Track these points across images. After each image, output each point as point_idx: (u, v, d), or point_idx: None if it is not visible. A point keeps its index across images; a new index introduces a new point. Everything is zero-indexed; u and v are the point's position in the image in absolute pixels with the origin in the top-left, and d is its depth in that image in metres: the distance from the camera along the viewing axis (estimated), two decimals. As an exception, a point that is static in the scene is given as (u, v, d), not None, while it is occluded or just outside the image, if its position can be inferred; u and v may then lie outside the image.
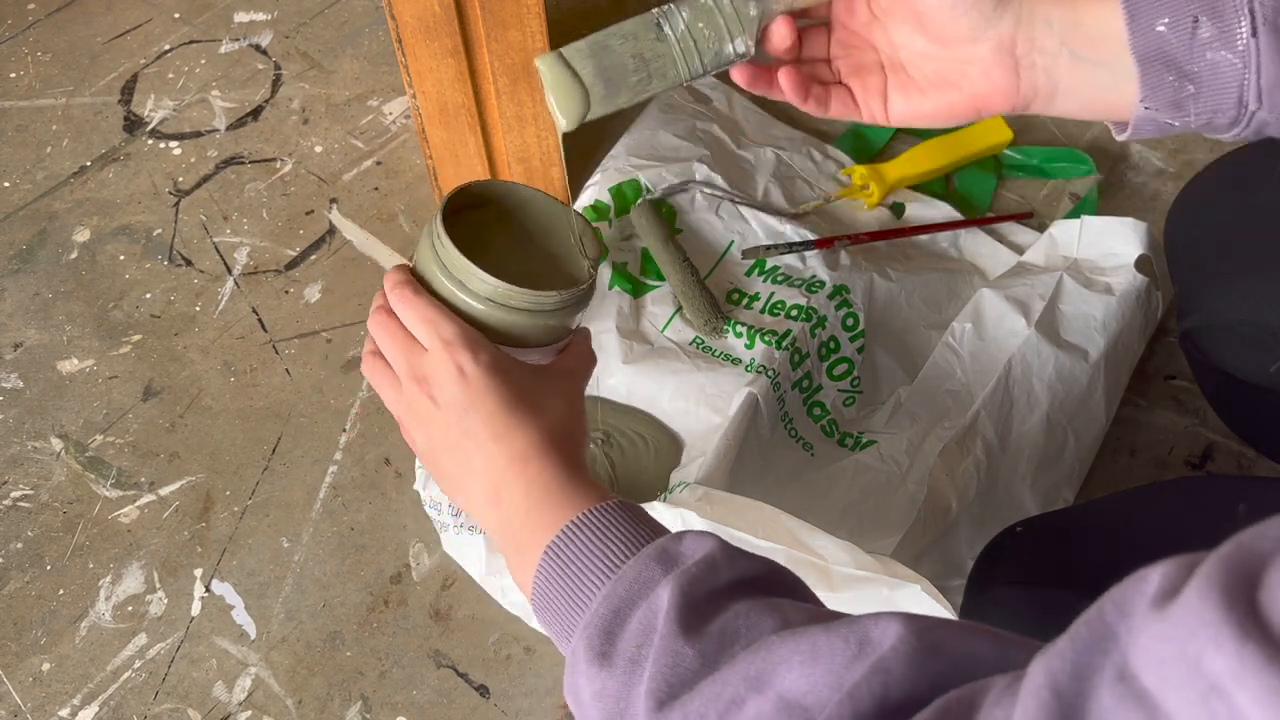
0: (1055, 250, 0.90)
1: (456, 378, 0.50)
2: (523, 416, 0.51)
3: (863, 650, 0.35)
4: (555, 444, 0.51)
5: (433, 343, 0.51)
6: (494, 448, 0.50)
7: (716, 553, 0.43)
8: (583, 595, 0.44)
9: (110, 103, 1.16)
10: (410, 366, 0.52)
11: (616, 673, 0.40)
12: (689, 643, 0.39)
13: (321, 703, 0.77)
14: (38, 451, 0.90)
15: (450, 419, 0.51)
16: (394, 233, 1.03)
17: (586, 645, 0.42)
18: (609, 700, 0.40)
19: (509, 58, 0.88)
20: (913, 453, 0.81)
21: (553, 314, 0.53)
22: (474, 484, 0.51)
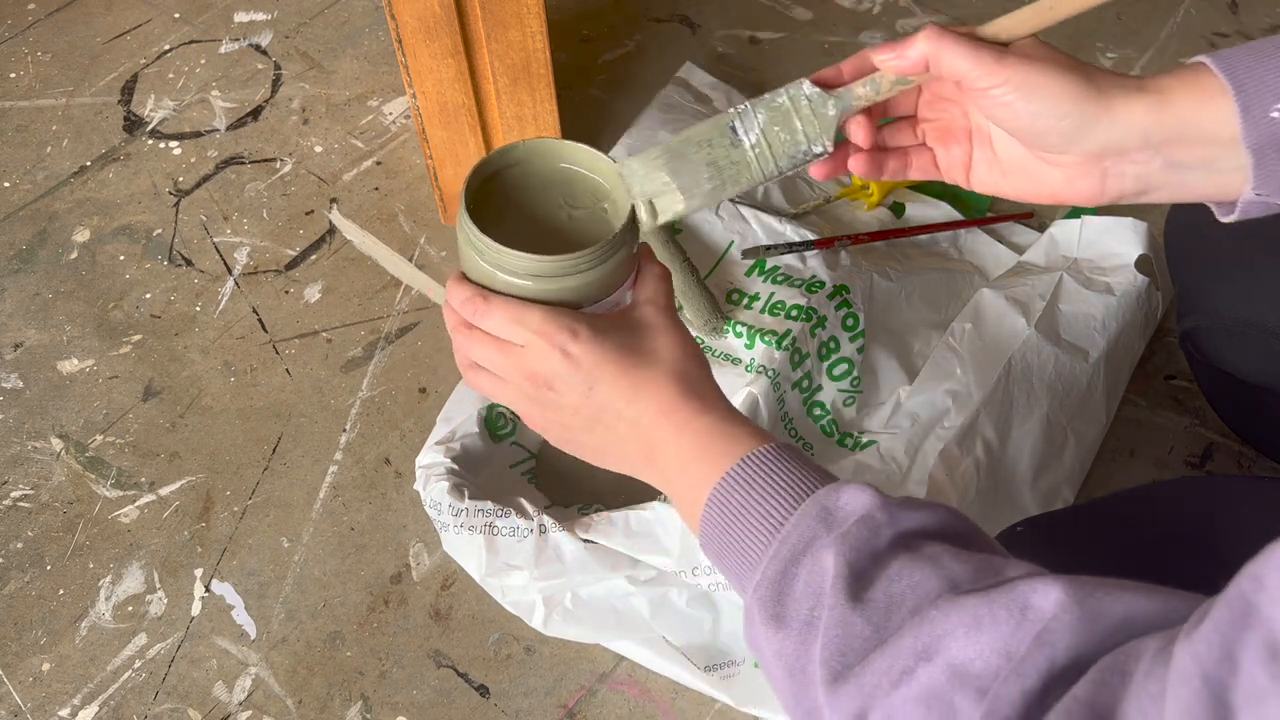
0: (1055, 250, 0.90)
1: (564, 362, 0.51)
2: (645, 371, 0.52)
3: (1025, 617, 0.37)
4: (688, 387, 0.52)
5: (525, 337, 0.52)
6: (632, 411, 0.51)
7: (875, 509, 0.43)
8: (749, 551, 0.46)
9: (110, 103, 1.16)
10: (516, 368, 0.52)
11: (792, 634, 0.43)
12: (856, 610, 0.41)
13: (321, 703, 0.77)
14: (38, 451, 0.90)
15: (576, 401, 0.52)
16: (394, 233, 1.03)
17: (760, 605, 0.44)
18: (788, 658, 0.43)
19: (509, 58, 0.88)
20: (913, 453, 0.81)
21: (612, 257, 0.52)
22: (624, 450, 0.52)
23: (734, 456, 0.48)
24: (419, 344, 0.95)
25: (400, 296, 0.99)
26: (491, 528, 0.75)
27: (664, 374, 0.52)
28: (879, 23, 1.21)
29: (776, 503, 0.46)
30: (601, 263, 0.52)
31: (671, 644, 0.75)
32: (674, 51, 1.18)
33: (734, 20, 1.22)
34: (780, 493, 0.46)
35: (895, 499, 0.44)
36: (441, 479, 0.77)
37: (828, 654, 0.41)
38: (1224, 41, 1.18)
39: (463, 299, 0.54)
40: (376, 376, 0.94)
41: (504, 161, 0.55)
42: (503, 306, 0.52)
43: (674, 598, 0.76)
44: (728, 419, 0.51)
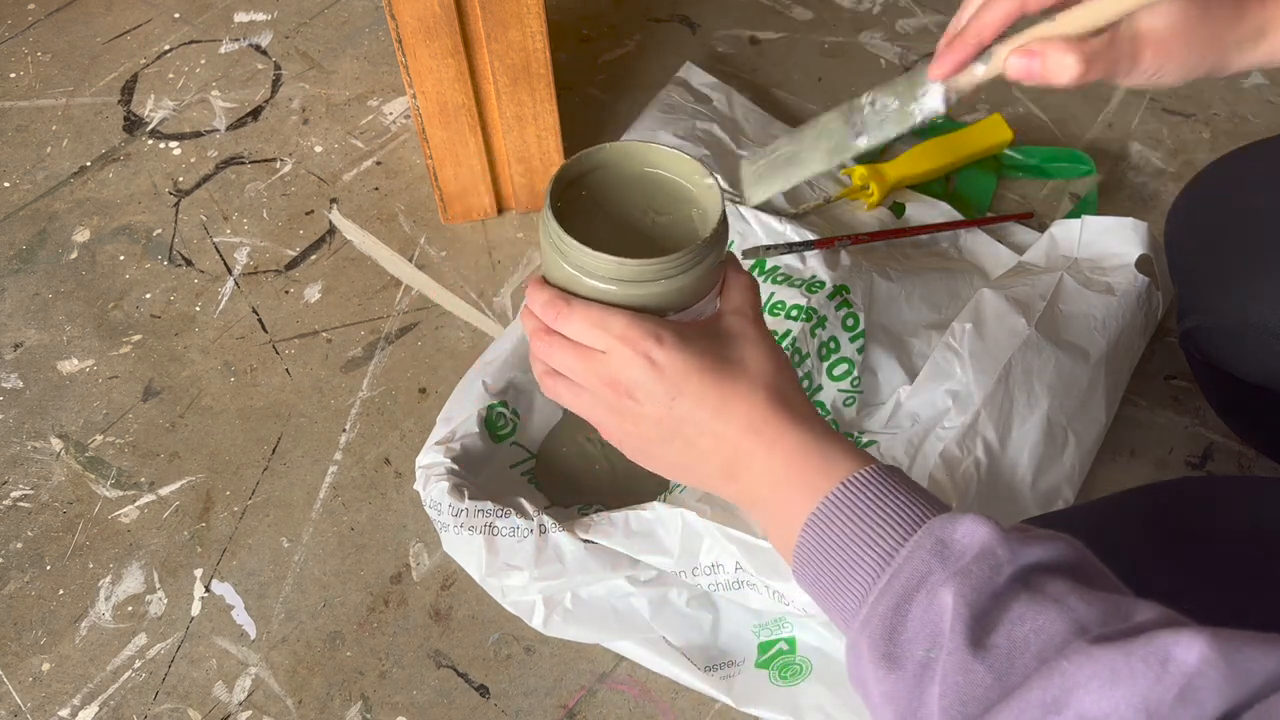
0: (1055, 250, 0.90)
1: (648, 369, 0.49)
2: (733, 383, 0.49)
3: (1166, 670, 0.35)
4: (779, 401, 0.49)
5: (608, 343, 0.49)
6: (718, 425, 0.48)
7: (995, 545, 0.41)
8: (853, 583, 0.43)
9: (110, 103, 1.16)
10: (596, 375, 0.50)
11: (906, 676, 0.40)
12: (978, 658, 0.38)
13: (321, 703, 0.77)
14: (37, 451, 0.90)
15: (659, 412, 0.49)
16: (394, 233, 1.03)
17: (870, 644, 0.41)
18: (900, 703, 0.40)
19: (509, 58, 0.88)
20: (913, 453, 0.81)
21: (701, 262, 0.51)
22: (704, 465, 0.50)
23: (833, 479, 0.45)
24: (419, 344, 0.95)
25: (400, 297, 0.99)
26: (491, 528, 0.75)
27: (753, 386, 0.49)
28: (879, 23, 1.21)
29: (885, 531, 0.43)
30: (690, 268, 0.50)
31: (671, 644, 0.75)
32: (674, 51, 1.18)
33: (734, 20, 1.22)
34: (888, 520, 0.43)
35: (1014, 530, 0.42)
36: (441, 479, 0.77)
37: (947, 703, 0.38)
38: (1224, 41, 1.18)
39: (543, 302, 0.51)
40: (376, 376, 0.94)
41: (589, 165, 0.54)
42: (585, 311, 0.50)
43: (674, 598, 0.76)
44: (823, 436, 0.48)
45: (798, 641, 0.75)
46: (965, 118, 1.10)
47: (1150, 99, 1.13)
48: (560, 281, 0.52)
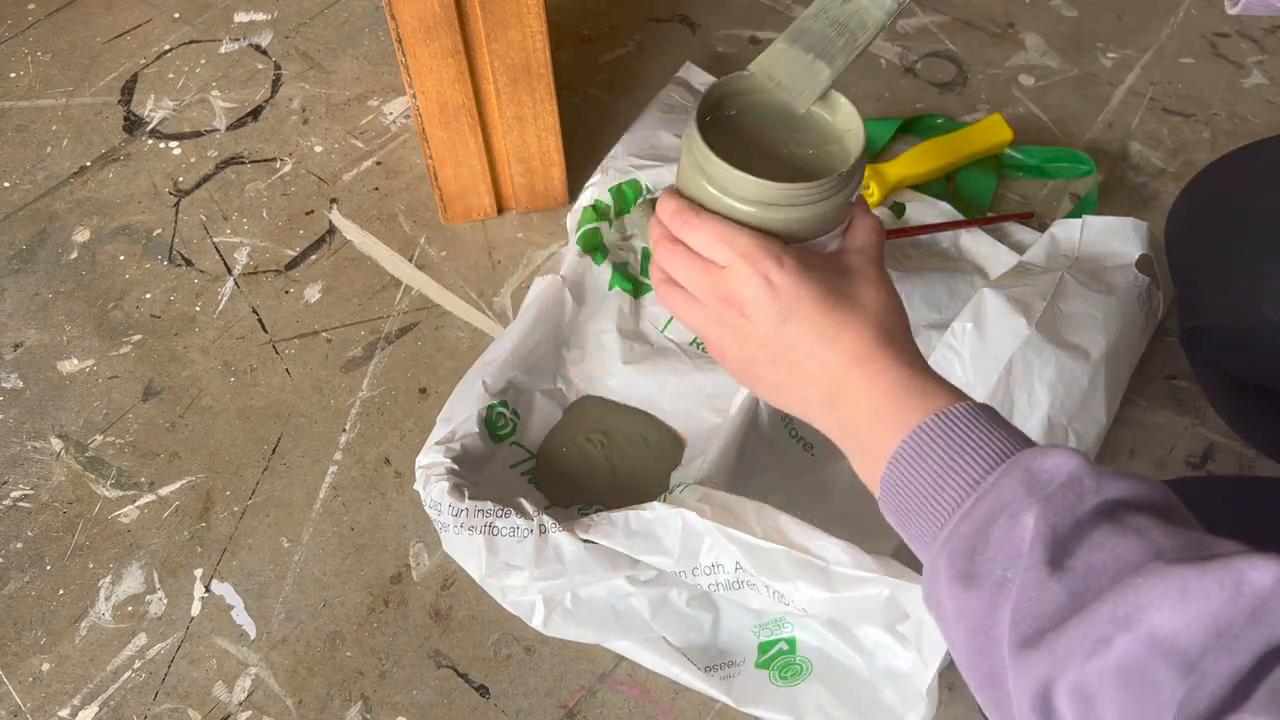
0: (1056, 250, 0.90)
1: (765, 289, 0.49)
2: (846, 314, 0.50)
3: (1240, 592, 0.35)
4: (887, 338, 0.50)
5: (730, 258, 0.50)
6: (826, 352, 0.49)
7: (1082, 475, 0.41)
8: (938, 506, 0.44)
9: (110, 103, 1.16)
10: (713, 287, 0.51)
11: (982, 594, 0.41)
12: (1054, 576, 0.39)
13: (321, 703, 0.77)
14: (37, 451, 0.90)
15: (768, 332, 0.50)
16: (394, 233, 1.03)
17: (949, 562, 0.42)
18: (973, 618, 0.41)
19: (509, 58, 0.88)
20: (913, 453, 0.81)
21: (831, 200, 0.52)
22: (806, 390, 0.51)
23: (927, 411, 0.46)
24: (419, 344, 0.95)
25: (400, 297, 0.99)
26: (491, 528, 0.75)
27: (864, 320, 0.50)
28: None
29: (973, 460, 0.44)
30: (824, 199, 0.51)
31: (671, 644, 0.75)
32: (674, 51, 1.18)
33: (734, 20, 1.22)
34: (978, 450, 0.44)
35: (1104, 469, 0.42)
36: (441, 479, 0.77)
37: (1018, 616, 0.39)
38: (1224, 42, 1.18)
39: (673, 210, 0.52)
40: (376, 376, 0.94)
41: (738, 88, 0.55)
42: (713, 224, 0.51)
43: (674, 598, 0.76)
44: (925, 374, 0.49)
45: (798, 641, 0.75)
46: (965, 118, 1.10)
47: (1150, 99, 1.13)
48: (693, 195, 0.53)
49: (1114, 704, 0.36)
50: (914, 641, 0.68)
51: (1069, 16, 1.20)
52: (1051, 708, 0.38)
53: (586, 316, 0.91)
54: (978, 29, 1.19)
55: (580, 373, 0.89)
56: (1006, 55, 1.17)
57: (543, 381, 0.87)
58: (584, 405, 0.88)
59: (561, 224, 1.02)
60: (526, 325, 0.87)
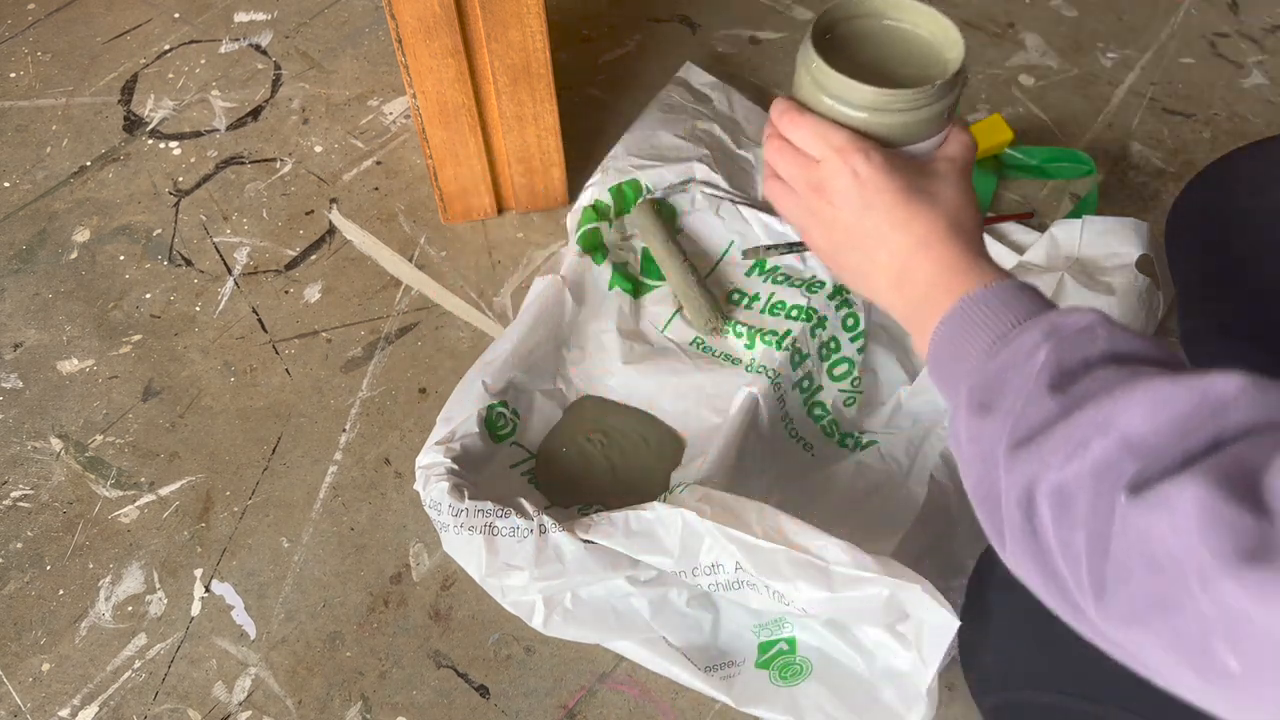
0: (1056, 250, 0.90)
1: (851, 179, 0.55)
2: (920, 206, 0.54)
3: (1206, 398, 0.38)
4: (955, 229, 0.54)
5: (824, 152, 0.55)
6: (896, 237, 0.54)
7: (1097, 324, 0.45)
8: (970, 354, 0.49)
9: (110, 103, 1.16)
10: (807, 179, 0.57)
11: (994, 421, 0.44)
12: (1051, 396, 0.42)
13: (321, 703, 0.77)
14: (37, 451, 0.90)
15: (850, 219, 0.55)
16: (394, 233, 1.03)
17: (968, 398, 0.46)
18: (982, 443, 0.45)
19: (509, 58, 0.88)
20: (913, 453, 0.81)
21: (930, 108, 0.55)
22: (878, 273, 0.55)
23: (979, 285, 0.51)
24: (419, 344, 0.95)
25: (400, 297, 0.99)
26: (491, 528, 0.75)
27: (937, 214, 0.54)
28: (879, 23, 1.21)
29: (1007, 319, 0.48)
30: (920, 107, 0.55)
31: (671, 644, 0.75)
32: (674, 51, 1.18)
33: (734, 20, 1.22)
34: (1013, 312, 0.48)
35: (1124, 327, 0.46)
36: (441, 479, 0.77)
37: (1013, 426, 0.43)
38: (1224, 42, 1.18)
39: (781, 109, 0.58)
40: (376, 376, 0.94)
41: (852, 11, 0.60)
42: (813, 123, 0.56)
43: (674, 598, 0.76)
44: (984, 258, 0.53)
45: (798, 641, 0.75)
46: (965, 118, 1.10)
47: (1150, 99, 1.13)
48: (800, 98, 0.58)
49: (1087, 501, 0.39)
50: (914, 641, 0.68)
51: (1069, 16, 1.20)
52: (1034, 508, 0.41)
53: (586, 316, 0.91)
54: (978, 29, 1.19)
55: (580, 373, 0.89)
56: (1006, 55, 1.17)
57: (543, 381, 0.87)
58: (584, 405, 0.88)
59: (561, 224, 1.02)
60: (526, 325, 0.87)
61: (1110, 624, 0.39)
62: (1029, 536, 0.42)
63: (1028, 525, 0.42)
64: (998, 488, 0.44)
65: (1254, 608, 0.34)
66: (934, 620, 0.65)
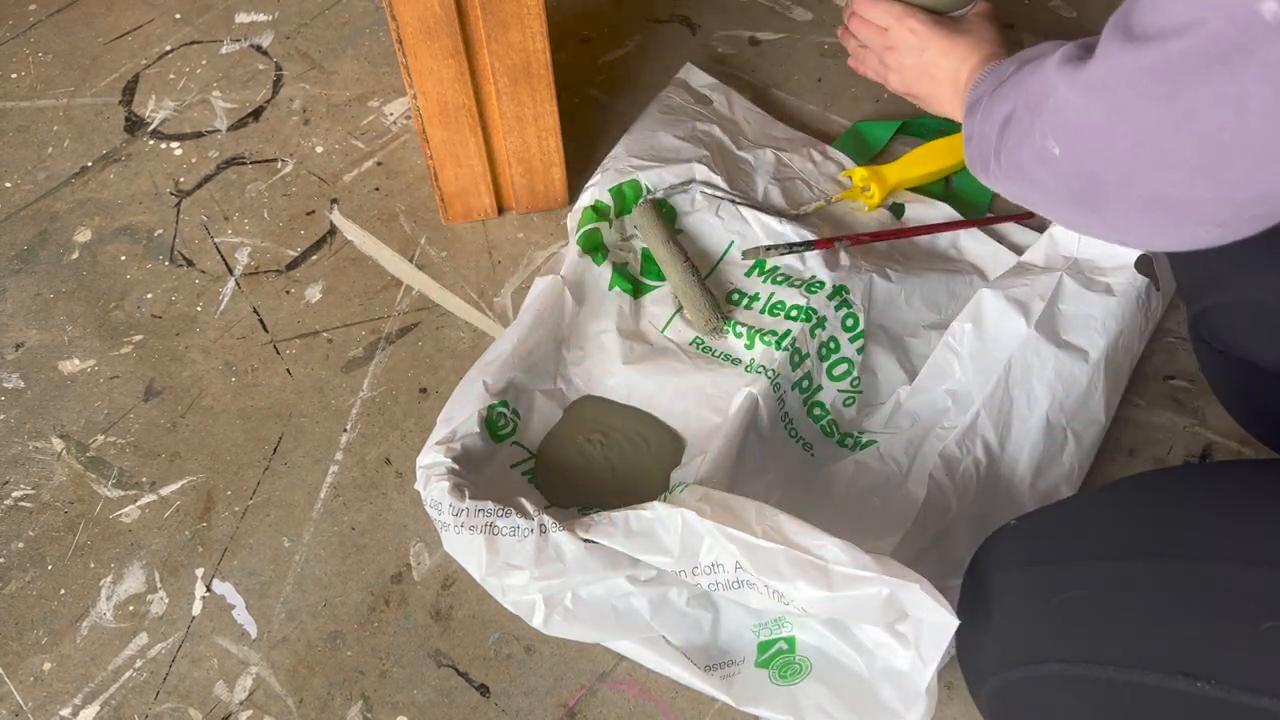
0: (1055, 250, 0.90)
1: (910, 35, 0.84)
2: (960, 40, 0.82)
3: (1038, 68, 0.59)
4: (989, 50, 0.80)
5: (889, 21, 0.85)
6: (947, 61, 0.82)
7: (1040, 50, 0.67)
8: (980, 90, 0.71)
9: (111, 103, 1.16)
10: (879, 41, 0.87)
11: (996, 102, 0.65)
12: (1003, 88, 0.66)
13: (322, 702, 0.77)
14: (39, 451, 0.90)
15: (913, 60, 0.84)
16: (394, 233, 1.04)
17: (989, 98, 0.67)
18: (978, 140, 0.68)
19: (509, 58, 0.89)
20: (913, 453, 0.81)
21: None
22: (942, 90, 0.83)
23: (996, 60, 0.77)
24: (419, 344, 0.96)
25: (400, 297, 0.99)
26: (492, 527, 0.75)
27: (973, 42, 0.81)
28: (879, 23, 1.21)
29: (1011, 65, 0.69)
30: None
31: (671, 644, 0.75)
32: (674, 52, 1.18)
33: (734, 21, 1.22)
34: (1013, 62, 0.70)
35: None
36: (442, 479, 0.77)
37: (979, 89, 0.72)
38: (1224, 42, 1.18)
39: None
40: (377, 376, 0.94)
41: None
42: (877, 3, 0.86)
43: (674, 597, 0.76)
44: (1000, 51, 0.80)
45: (797, 641, 0.75)
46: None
47: (1150, 99, 1.13)
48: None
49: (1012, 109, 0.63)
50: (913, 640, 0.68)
51: (1068, 17, 1.20)
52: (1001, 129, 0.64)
53: (586, 316, 0.91)
54: (977, 30, 1.20)
55: (580, 373, 0.89)
56: (1006, 56, 1.17)
57: (543, 381, 0.88)
58: (584, 405, 0.88)
59: (561, 224, 1.03)
60: (527, 325, 0.87)
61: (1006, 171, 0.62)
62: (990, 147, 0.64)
63: (996, 141, 0.63)
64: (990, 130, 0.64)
65: (1069, 91, 0.51)
66: (933, 619, 0.65)
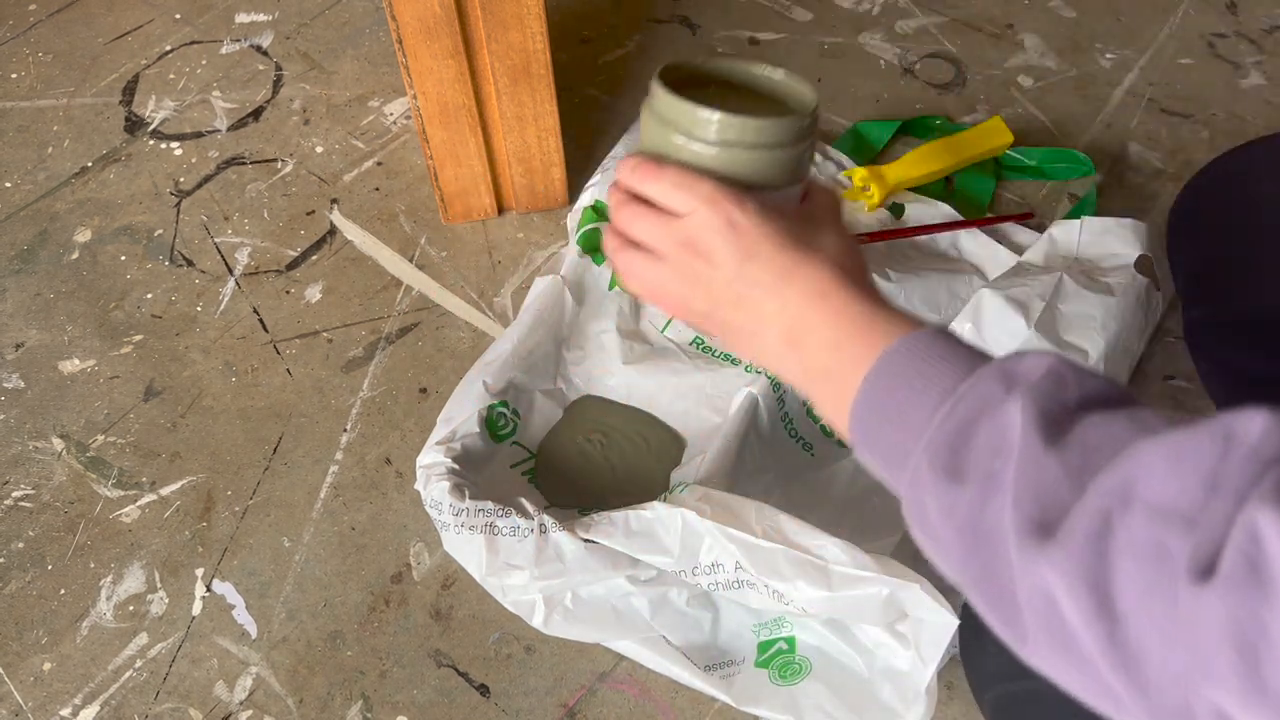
0: (1055, 250, 0.90)
1: (727, 230, 0.50)
2: (805, 253, 0.50)
3: (1230, 444, 0.34)
4: (848, 276, 0.50)
5: (692, 204, 0.51)
6: (785, 289, 0.49)
7: (1062, 369, 0.41)
8: (915, 419, 0.42)
9: (111, 103, 1.16)
10: (674, 237, 0.51)
11: (969, 489, 0.39)
12: (1050, 453, 0.37)
13: (322, 702, 0.77)
14: (39, 451, 0.90)
15: (729, 273, 0.50)
16: (394, 233, 1.04)
17: (931, 462, 0.41)
18: (959, 516, 0.39)
19: (509, 58, 0.89)
20: (912, 452, 0.81)
21: (788, 149, 0.52)
22: (767, 331, 0.50)
23: (894, 336, 0.46)
24: (419, 344, 0.96)
25: (400, 297, 0.99)
26: (492, 527, 0.75)
27: (823, 260, 0.50)
28: (878, 23, 1.21)
29: (948, 371, 0.43)
30: (785, 145, 0.52)
31: (671, 644, 0.75)
32: (674, 52, 1.18)
33: (734, 21, 1.22)
34: (952, 363, 0.43)
35: (1081, 365, 0.42)
36: (442, 479, 0.77)
37: (1021, 499, 0.37)
38: (1223, 42, 1.19)
39: (633, 166, 0.53)
40: (377, 376, 0.94)
41: (693, 70, 0.56)
42: (676, 172, 0.51)
43: (674, 597, 0.76)
44: (886, 307, 0.49)
45: (797, 641, 0.75)
46: (964, 119, 1.11)
47: (1149, 99, 1.13)
48: (655, 148, 0.54)
49: (1131, 585, 0.34)
50: (913, 640, 0.68)
51: (1068, 17, 1.20)
52: (1066, 605, 0.36)
53: (586, 316, 0.91)
54: (976, 30, 1.20)
55: (580, 373, 0.89)
56: (1005, 56, 1.17)
57: (543, 381, 0.88)
58: (584, 405, 0.88)
59: (562, 224, 1.03)
60: (527, 325, 0.88)
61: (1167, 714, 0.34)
62: (1061, 632, 0.36)
63: (1056, 621, 0.36)
64: (997, 570, 0.38)
65: None
66: (933, 619, 0.65)
